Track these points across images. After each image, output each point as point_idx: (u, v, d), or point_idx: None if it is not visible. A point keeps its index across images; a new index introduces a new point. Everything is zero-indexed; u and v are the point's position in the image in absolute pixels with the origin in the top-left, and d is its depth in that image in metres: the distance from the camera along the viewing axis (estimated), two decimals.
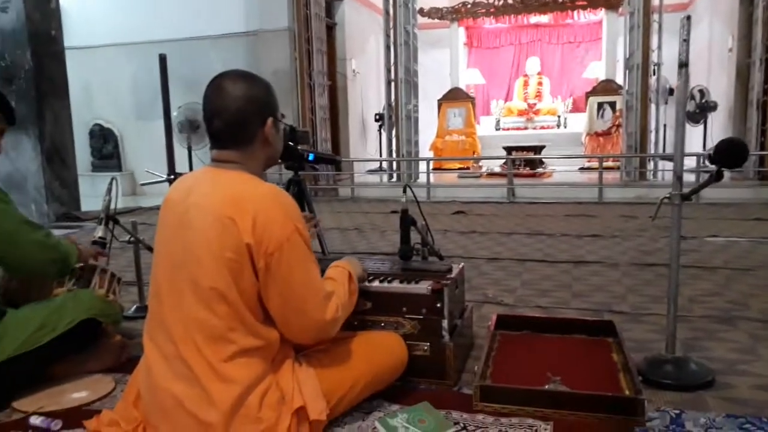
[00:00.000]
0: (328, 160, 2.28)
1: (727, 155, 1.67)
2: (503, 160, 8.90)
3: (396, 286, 1.88)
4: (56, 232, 5.14)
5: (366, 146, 11.22)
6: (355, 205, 6.98)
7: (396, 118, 8.56)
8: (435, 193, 7.47)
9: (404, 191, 2.07)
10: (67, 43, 6.35)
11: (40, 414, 1.66)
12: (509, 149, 9.38)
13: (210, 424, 1.36)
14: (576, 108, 12.36)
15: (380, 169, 9.96)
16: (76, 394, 1.81)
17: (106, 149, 8.83)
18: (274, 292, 1.40)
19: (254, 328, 1.42)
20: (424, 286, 1.84)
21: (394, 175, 9.01)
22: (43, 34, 5.88)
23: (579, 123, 11.31)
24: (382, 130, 9.95)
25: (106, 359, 2.03)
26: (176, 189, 1.53)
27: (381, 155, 10.13)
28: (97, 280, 2.14)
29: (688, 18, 1.77)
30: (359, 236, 4.86)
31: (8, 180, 5.83)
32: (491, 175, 8.98)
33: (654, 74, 7.78)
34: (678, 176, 1.83)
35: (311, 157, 2.01)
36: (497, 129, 12.11)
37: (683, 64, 1.76)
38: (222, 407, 1.34)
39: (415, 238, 2.10)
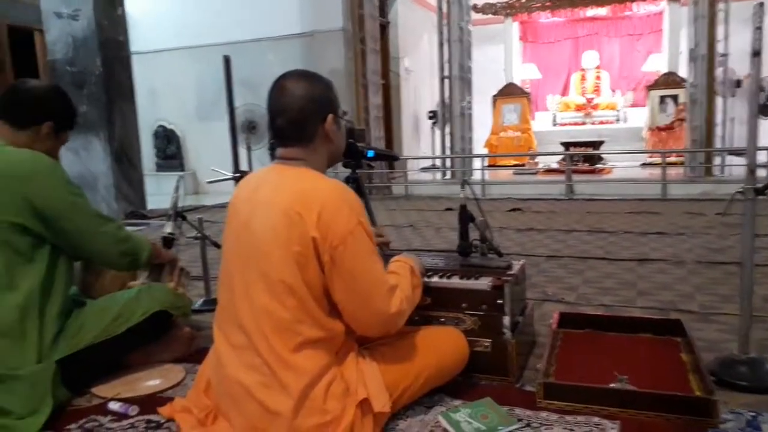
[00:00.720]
0: (386, 157, 2.29)
1: None
2: (560, 156, 8.74)
3: (456, 281, 1.88)
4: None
5: (419, 144, 11.22)
6: (409, 203, 6.99)
7: (450, 115, 8.53)
8: (490, 190, 7.41)
9: (462, 187, 2.06)
10: (132, 48, 6.62)
11: (118, 400, 1.74)
12: (567, 145, 9.20)
13: (278, 412, 1.39)
14: (636, 102, 12.00)
15: (433, 166, 9.94)
16: (150, 381, 1.89)
17: (170, 150, 9.16)
18: (340, 285, 1.43)
19: (320, 320, 1.45)
20: (484, 282, 1.83)
21: (448, 172, 8.98)
22: (112, 41, 6.15)
23: (640, 117, 10.99)
24: (435, 128, 9.93)
25: (176, 349, 2.12)
26: (244, 186, 1.58)
27: (434, 153, 10.11)
28: (167, 274, 2.23)
29: (761, 5, 1.70)
30: (414, 233, 4.87)
31: (80, 179, 6.13)
32: (548, 171, 8.83)
33: (720, 65, 7.46)
34: (751, 169, 1.76)
35: (370, 153, 2.03)
36: (554, 125, 11.89)
37: (756, 53, 1.69)
38: (293, 395, 1.38)
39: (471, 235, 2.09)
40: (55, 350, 1.72)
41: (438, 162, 9.65)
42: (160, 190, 7.87)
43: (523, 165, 9.82)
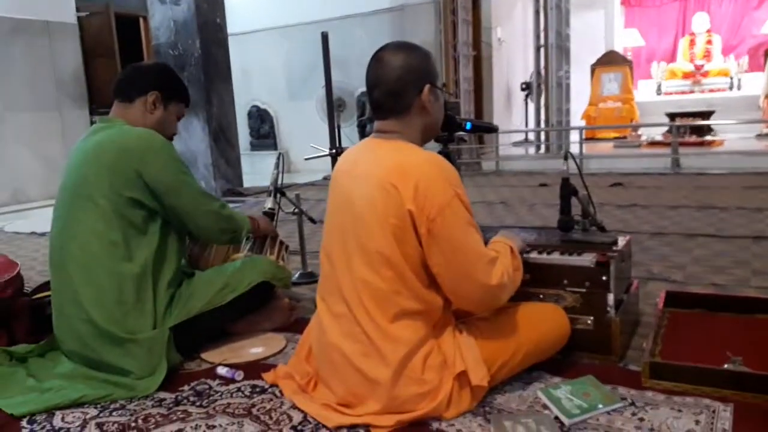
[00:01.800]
0: (485, 128, 2.26)
1: None
2: (666, 128, 8.26)
3: (556, 257, 1.84)
4: None
5: (511, 117, 10.94)
6: (500, 179, 6.87)
7: (545, 86, 8.24)
8: (589, 165, 7.11)
9: (565, 158, 2.00)
10: (228, 30, 6.87)
11: (225, 365, 1.86)
12: (672, 115, 8.68)
13: (377, 381, 1.44)
14: (753, 68, 11.09)
15: (526, 140, 9.69)
16: (254, 349, 2.01)
17: (263, 129, 9.48)
18: (439, 256, 1.44)
19: (418, 292, 1.47)
20: (588, 258, 1.79)
21: (542, 146, 8.71)
22: (210, 23, 6.41)
23: (756, 84, 10.16)
24: (528, 100, 9.65)
25: (277, 319, 2.23)
26: (344, 161, 1.63)
27: (526, 126, 9.83)
28: (268, 247, 2.34)
29: None
30: (506, 210, 4.79)
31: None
32: (652, 144, 8.37)
33: None
34: None
35: (468, 125, 2.01)
36: (658, 94, 11.26)
37: None
38: (392, 365, 1.42)
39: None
40: (168, 317, 1.86)
41: (531, 136, 9.38)
42: (254, 169, 8.19)
43: (624, 137, 9.37)
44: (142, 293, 1.82)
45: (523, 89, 10.00)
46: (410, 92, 1.53)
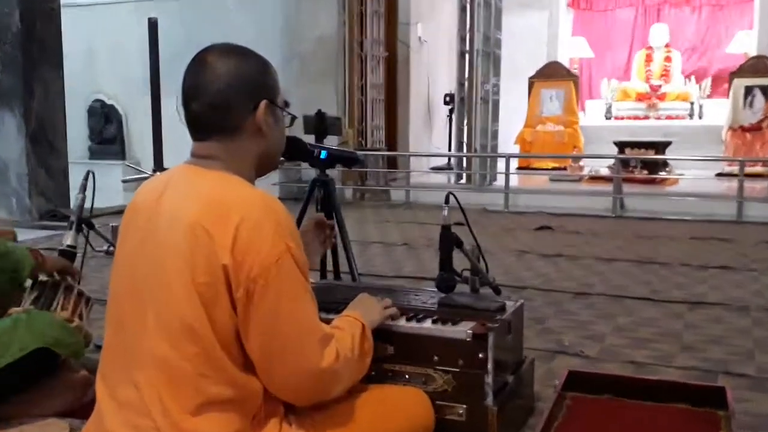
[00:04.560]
0: (346, 159, 2.26)
1: None
2: (612, 160, 8.71)
3: (427, 326, 1.86)
4: (40, 234, 5.19)
5: (431, 136, 11.20)
6: (409, 213, 6.98)
7: (470, 101, 8.47)
8: (516, 201, 7.38)
9: (446, 201, 2.04)
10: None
11: None
12: (622, 145, 9.17)
13: None
14: (716, 93, 11.96)
15: (448, 166, 9.91)
16: None
17: (108, 131, 9.19)
18: (255, 328, 1.40)
19: (231, 374, 1.42)
20: (463, 329, 1.81)
21: (464, 175, 8.91)
22: None
23: (719, 113, 10.94)
24: (453, 116, 9.91)
25: (66, 399, 2.10)
26: (145, 191, 1.56)
27: (450, 147, 10.08)
28: (60, 300, 2.20)
29: None
30: (408, 254, 4.86)
31: None
32: (595, 179, 8.80)
33: None
34: None
35: (324, 154, 2.01)
36: (608, 118, 11.87)
37: None
38: None
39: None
40: None
41: (453, 161, 9.62)
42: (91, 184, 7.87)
43: (564, 169, 9.80)
44: None
45: (446, 102, 10.27)
46: (240, 109, 1.50)
